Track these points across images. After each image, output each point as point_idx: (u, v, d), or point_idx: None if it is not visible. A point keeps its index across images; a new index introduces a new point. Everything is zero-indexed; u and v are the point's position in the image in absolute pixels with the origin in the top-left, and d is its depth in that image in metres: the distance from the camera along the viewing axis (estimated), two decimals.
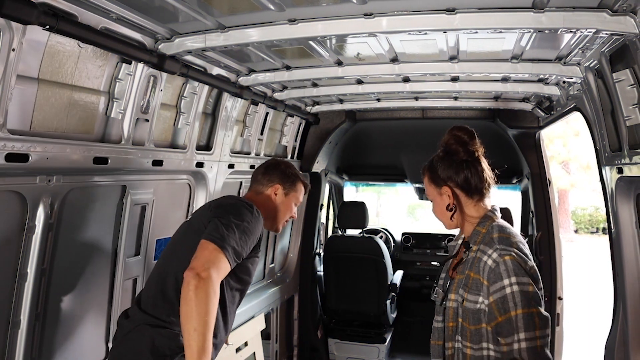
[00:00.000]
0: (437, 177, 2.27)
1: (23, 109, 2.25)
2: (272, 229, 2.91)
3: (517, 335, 1.93)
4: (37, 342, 2.47)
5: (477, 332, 2.05)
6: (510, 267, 2.00)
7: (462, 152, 2.23)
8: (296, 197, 2.94)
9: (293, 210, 2.95)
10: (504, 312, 1.97)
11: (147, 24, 2.60)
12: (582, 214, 24.50)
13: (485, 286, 2.03)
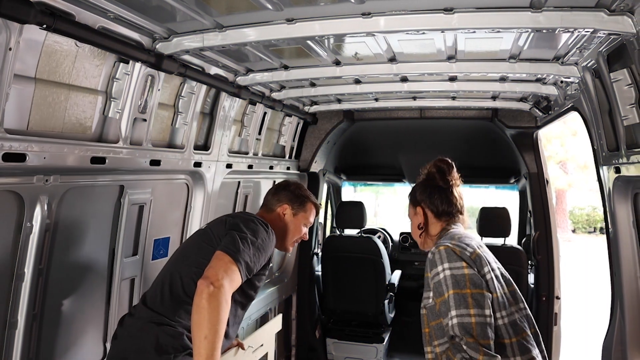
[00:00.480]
0: (414, 198, 2.64)
1: (20, 109, 2.24)
2: (281, 248, 2.92)
3: (450, 313, 2.14)
4: (35, 342, 2.46)
5: (439, 326, 2.26)
6: (444, 255, 2.25)
7: (438, 179, 2.58)
8: (305, 218, 2.94)
9: (303, 230, 2.95)
10: (439, 295, 2.21)
11: (144, 24, 2.59)
12: (580, 214, 24.54)
13: (428, 278, 2.30)
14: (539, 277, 4.65)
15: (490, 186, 6.94)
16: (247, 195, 4.45)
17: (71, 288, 2.72)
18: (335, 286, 5.67)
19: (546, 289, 4.58)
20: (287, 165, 5.10)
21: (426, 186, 2.60)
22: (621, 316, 3.01)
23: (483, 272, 2.24)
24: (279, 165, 4.89)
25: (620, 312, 3.03)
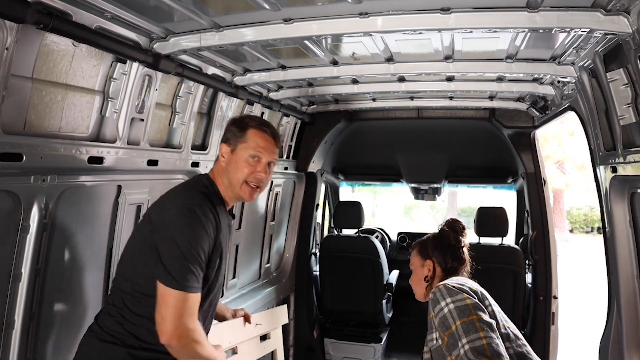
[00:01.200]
0: (425, 251, 2.78)
1: (17, 108, 2.24)
2: (238, 198, 2.41)
3: (460, 342, 2.18)
4: (32, 342, 2.45)
5: None
6: (444, 291, 2.37)
7: (452, 238, 2.75)
8: (246, 148, 2.36)
9: (248, 165, 2.35)
10: (446, 329, 2.26)
11: (142, 23, 2.59)
12: (577, 214, 24.60)
13: (432, 319, 2.38)
14: (537, 276, 4.66)
15: (487, 186, 6.95)
16: None
17: (68, 288, 2.71)
18: (333, 286, 5.67)
19: (543, 288, 4.59)
20: (284, 165, 5.10)
21: (439, 242, 2.76)
22: (618, 315, 3.01)
23: (485, 304, 2.38)
24: (276, 166, 4.88)
25: (617, 311, 3.03)
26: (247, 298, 4.53)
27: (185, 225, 2.11)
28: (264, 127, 2.41)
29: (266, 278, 5.14)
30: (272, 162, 2.42)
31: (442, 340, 2.29)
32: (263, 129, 2.39)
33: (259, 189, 2.40)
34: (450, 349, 2.23)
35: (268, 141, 2.38)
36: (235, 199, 2.42)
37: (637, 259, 2.91)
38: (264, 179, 2.39)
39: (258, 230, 4.91)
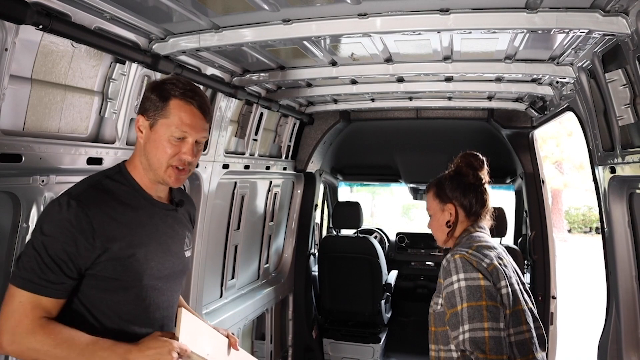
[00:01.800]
0: (443, 194, 2.45)
1: (16, 109, 2.24)
2: (163, 182, 1.97)
3: (462, 327, 2.07)
4: None
5: (444, 334, 2.21)
6: (459, 264, 2.15)
7: (471, 176, 2.44)
8: (168, 124, 1.88)
9: (172, 145, 1.89)
10: (451, 306, 2.13)
11: (141, 24, 2.59)
12: (576, 214, 24.63)
13: (441, 285, 2.21)
14: (535, 276, 4.67)
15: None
16: (244, 195, 4.45)
17: None
18: (331, 286, 5.68)
19: (542, 288, 4.60)
20: (283, 166, 5.10)
21: (458, 182, 2.43)
22: (617, 315, 3.02)
23: (499, 286, 2.14)
24: (275, 166, 4.89)
25: (615, 311, 3.04)
26: (246, 298, 4.54)
27: (47, 219, 1.77)
28: (190, 98, 1.89)
29: (265, 278, 5.14)
30: (200, 140, 1.94)
31: (443, 311, 2.18)
32: (188, 100, 1.89)
33: (186, 171, 1.95)
34: (450, 327, 2.13)
35: (195, 115, 1.89)
36: (159, 184, 1.98)
37: (635, 259, 2.93)
38: (192, 161, 1.94)
39: (257, 231, 4.92)
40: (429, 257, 6.81)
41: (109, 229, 1.80)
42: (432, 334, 2.30)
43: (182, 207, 2.17)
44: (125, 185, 1.94)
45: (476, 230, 2.38)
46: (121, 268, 1.82)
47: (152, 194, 1.99)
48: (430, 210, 2.51)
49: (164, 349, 1.70)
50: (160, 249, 1.96)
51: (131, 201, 1.92)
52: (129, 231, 1.85)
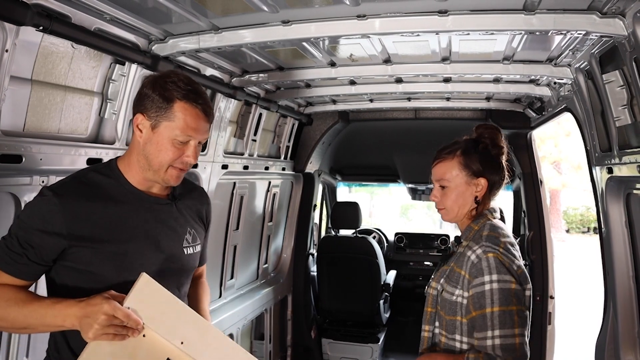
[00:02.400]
0: (474, 165, 2.22)
1: (16, 110, 2.25)
2: (162, 182, 1.94)
3: (492, 332, 1.99)
4: (31, 346, 2.47)
5: (452, 323, 2.14)
6: (493, 264, 2.04)
7: (503, 155, 2.29)
8: (172, 128, 1.84)
9: (175, 148, 1.87)
10: (479, 307, 2.03)
11: (140, 25, 2.60)
12: (574, 214, 24.67)
13: (466, 280, 2.09)
14: (533, 276, 4.68)
15: None
16: (243, 196, 4.46)
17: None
18: (330, 286, 5.69)
19: (540, 288, 4.61)
20: (282, 166, 5.11)
21: (490, 158, 2.24)
22: (614, 315, 3.03)
23: (525, 288, 2.09)
24: (274, 166, 4.90)
25: (613, 311, 3.05)
26: (245, 298, 4.55)
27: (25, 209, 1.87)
28: (194, 101, 1.86)
29: (264, 278, 5.15)
30: (202, 141, 1.95)
31: (468, 310, 2.07)
32: (193, 103, 1.85)
33: (185, 170, 1.95)
34: (476, 327, 2.04)
35: (200, 119, 1.87)
36: (157, 182, 1.96)
37: (632, 259, 2.94)
38: (193, 163, 1.94)
39: (256, 231, 4.92)
40: (427, 257, 6.82)
41: (82, 221, 1.79)
42: (430, 314, 2.24)
43: (186, 202, 2.11)
44: (111, 178, 1.92)
45: (494, 217, 2.26)
46: (95, 260, 1.80)
47: (143, 189, 1.96)
48: (453, 180, 2.22)
49: (98, 307, 1.60)
50: (146, 244, 1.91)
51: (115, 195, 1.89)
52: (106, 224, 1.82)
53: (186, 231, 2.07)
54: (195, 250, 2.10)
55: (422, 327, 2.29)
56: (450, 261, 2.26)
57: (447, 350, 2.17)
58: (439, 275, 2.25)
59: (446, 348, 2.17)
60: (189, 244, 2.07)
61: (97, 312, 1.60)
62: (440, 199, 2.26)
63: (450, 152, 2.27)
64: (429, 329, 2.26)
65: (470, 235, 2.21)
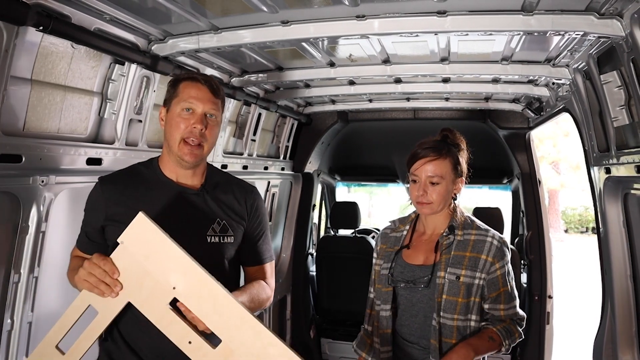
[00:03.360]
0: (459, 166, 2.46)
1: (16, 110, 2.25)
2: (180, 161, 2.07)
3: (515, 301, 2.40)
4: (30, 344, 2.45)
5: (467, 304, 2.33)
6: (508, 247, 2.41)
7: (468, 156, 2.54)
8: (178, 101, 2.06)
9: (182, 119, 2.03)
10: (504, 284, 2.36)
11: (140, 25, 2.61)
12: (572, 214, 24.68)
13: (488, 262, 2.34)
14: (532, 276, 4.70)
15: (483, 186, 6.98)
16: None
17: (67, 289, 2.71)
18: (329, 286, 5.69)
19: (538, 288, 4.62)
20: (281, 166, 5.12)
21: (464, 160, 2.49)
22: (612, 315, 3.04)
23: None
24: (273, 166, 4.91)
25: (611, 311, 3.06)
26: None
27: None
28: (197, 77, 2.09)
29: None
30: (210, 113, 2.06)
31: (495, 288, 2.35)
32: (195, 77, 2.09)
33: (200, 146, 2.05)
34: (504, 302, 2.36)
35: (200, 89, 2.05)
36: (180, 165, 2.09)
37: (630, 258, 2.95)
38: (204, 134, 2.04)
39: None
40: None
41: (117, 202, 2.05)
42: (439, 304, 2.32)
43: (219, 195, 2.18)
44: (149, 169, 2.16)
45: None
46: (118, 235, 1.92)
47: (173, 178, 2.13)
48: (441, 177, 2.38)
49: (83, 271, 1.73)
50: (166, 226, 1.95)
51: (149, 182, 2.13)
52: (135, 205, 1.92)
53: (214, 221, 2.13)
54: (222, 240, 2.13)
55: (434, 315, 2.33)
56: (450, 250, 2.39)
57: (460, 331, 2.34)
58: (444, 265, 2.36)
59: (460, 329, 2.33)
60: (214, 233, 2.12)
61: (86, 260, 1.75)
62: (429, 194, 2.39)
63: (444, 152, 2.43)
64: (438, 319, 2.32)
65: (460, 225, 2.44)
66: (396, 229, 2.66)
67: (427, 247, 2.47)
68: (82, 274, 1.72)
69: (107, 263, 1.71)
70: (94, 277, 1.70)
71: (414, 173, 2.44)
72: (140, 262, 1.70)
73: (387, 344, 2.47)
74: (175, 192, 2.10)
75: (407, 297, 2.43)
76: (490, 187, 6.85)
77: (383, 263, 2.56)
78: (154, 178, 2.13)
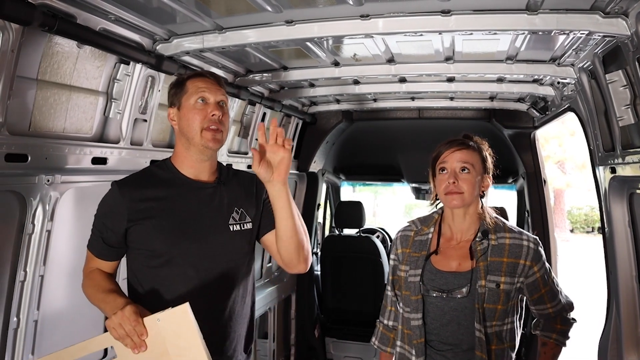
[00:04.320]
0: (486, 163, 2.43)
1: (22, 110, 2.27)
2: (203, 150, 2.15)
3: (560, 295, 2.42)
4: (35, 342, 2.48)
5: (505, 310, 2.28)
6: (541, 248, 2.37)
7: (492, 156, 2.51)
8: (189, 96, 2.15)
9: (198, 110, 2.12)
10: (545, 284, 2.35)
11: (145, 25, 2.62)
12: (578, 214, 24.56)
13: (527, 267, 2.29)
14: None
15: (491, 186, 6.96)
16: None
17: (72, 288, 2.73)
18: (334, 286, 5.70)
19: None
20: None
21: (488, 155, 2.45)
22: (617, 315, 3.03)
23: None
24: None
25: (616, 311, 3.05)
26: None
27: None
28: (200, 75, 2.23)
29: (267, 277, 5.16)
30: (222, 101, 2.18)
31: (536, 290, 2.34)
32: (200, 73, 2.25)
33: (220, 131, 2.15)
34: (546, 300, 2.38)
35: (207, 81, 2.17)
36: (202, 156, 2.17)
37: (635, 259, 2.93)
38: (222, 120, 2.15)
39: None
40: None
41: (138, 202, 2.09)
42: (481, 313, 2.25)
43: (233, 186, 2.30)
44: (164, 170, 2.21)
45: None
46: (147, 236, 2.09)
47: (191, 176, 2.20)
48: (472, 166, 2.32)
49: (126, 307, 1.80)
50: (189, 221, 2.14)
51: (166, 181, 2.18)
52: (156, 204, 2.11)
53: (233, 210, 2.24)
54: (243, 227, 2.24)
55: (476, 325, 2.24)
56: (486, 256, 2.29)
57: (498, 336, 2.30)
58: (483, 272, 2.26)
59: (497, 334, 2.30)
60: (235, 221, 2.23)
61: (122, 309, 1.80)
62: (460, 183, 2.29)
63: (467, 144, 2.38)
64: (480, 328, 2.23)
65: (492, 228, 2.35)
66: (419, 231, 2.49)
67: (459, 253, 2.35)
68: (113, 323, 1.79)
69: (139, 325, 1.78)
70: (123, 331, 1.78)
71: (443, 160, 2.34)
72: (165, 341, 1.80)
73: (422, 354, 2.31)
74: (194, 187, 2.19)
75: (439, 305, 2.30)
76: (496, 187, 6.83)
77: (410, 269, 2.40)
78: (171, 177, 2.19)
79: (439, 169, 2.36)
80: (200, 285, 2.10)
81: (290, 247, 2.20)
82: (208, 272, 2.12)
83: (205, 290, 2.10)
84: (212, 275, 2.13)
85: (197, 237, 2.12)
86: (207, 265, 2.12)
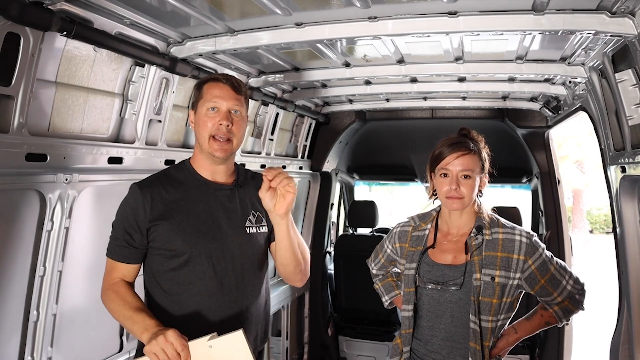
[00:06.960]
0: (484, 163, 2.49)
1: (42, 111, 2.36)
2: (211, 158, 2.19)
3: (565, 280, 2.40)
4: (54, 337, 2.56)
5: (499, 305, 2.34)
6: (536, 240, 2.40)
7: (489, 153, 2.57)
8: (203, 102, 2.17)
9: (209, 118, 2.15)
10: (545, 273, 2.36)
11: (159, 29, 2.69)
12: (598, 214, 24.12)
13: (521, 261, 2.35)
14: None
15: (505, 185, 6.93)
16: None
17: (90, 284, 2.81)
18: (347, 284, 5.72)
19: None
20: (299, 165, 5.17)
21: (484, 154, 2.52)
22: (628, 315, 3.01)
23: None
24: (291, 165, 4.97)
25: (627, 311, 3.03)
26: None
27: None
28: (218, 77, 2.21)
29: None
30: (234, 109, 2.17)
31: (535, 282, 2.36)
32: (216, 78, 2.21)
33: (229, 141, 2.16)
34: (552, 287, 2.38)
35: (223, 88, 2.17)
36: (213, 161, 2.21)
37: None
38: (231, 129, 2.15)
39: None
40: None
41: (158, 202, 2.14)
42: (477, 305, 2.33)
43: (249, 189, 2.32)
44: (183, 171, 2.26)
45: None
46: (168, 235, 2.12)
47: (208, 177, 2.24)
48: (472, 171, 2.41)
49: (168, 330, 1.82)
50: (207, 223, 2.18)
51: (185, 182, 2.22)
52: (175, 204, 2.16)
53: (249, 213, 2.29)
54: (259, 230, 2.29)
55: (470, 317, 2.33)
56: (480, 251, 2.38)
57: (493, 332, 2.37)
58: (479, 266, 2.35)
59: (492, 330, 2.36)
60: (252, 224, 2.28)
61: (164, 334, 1.82)
62: (461, 189, 2.38)
63: (470, 147, 2.44)
64: (475, 320, 2.32)
65: (487, 224, 2.43)
66: (417, 227, 2.62)
67: (454, 247, 2.45)
68: (154, 348, 1.80)
69: (185, 349, 1.81)
70: (166, 357, 1.79)
71: (445, 167, 2.42)
72: None
73: (407, 343, 2.49)
74: (212, 189, 2.24)
75: (434, 296, 2.41)
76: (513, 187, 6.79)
77: (406, 263, 2.53)
78: (190, 178, 2.23)
79: (440, 173, 2.45)
80: (217, 285, 2.14)
81: (287, 269, 2.37)
82: (225, 272, 2.16)
83: (223, 290, 2.15)
84: (229, 275, 2.17)
85: (216, 238, 2.17)
86: (225, 265, 2.16)
